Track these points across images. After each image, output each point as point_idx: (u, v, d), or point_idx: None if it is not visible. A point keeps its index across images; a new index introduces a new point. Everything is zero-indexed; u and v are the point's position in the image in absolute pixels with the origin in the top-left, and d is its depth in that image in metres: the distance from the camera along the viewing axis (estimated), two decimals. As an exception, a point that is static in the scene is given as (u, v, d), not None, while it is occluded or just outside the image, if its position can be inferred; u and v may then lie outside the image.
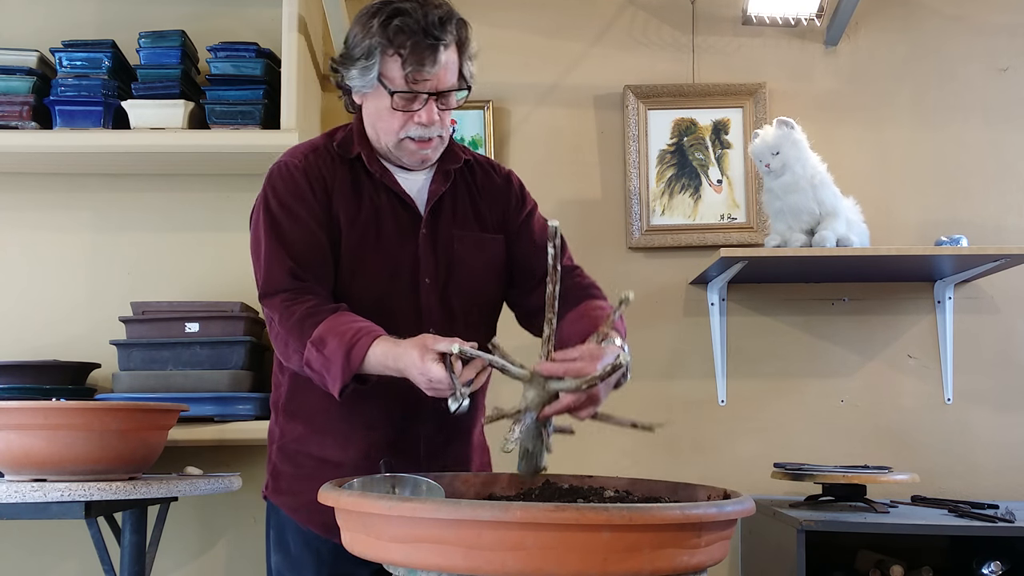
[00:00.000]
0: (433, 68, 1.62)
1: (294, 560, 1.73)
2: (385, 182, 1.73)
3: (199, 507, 2.73)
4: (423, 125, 1.67)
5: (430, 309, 1.72)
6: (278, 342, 1.64)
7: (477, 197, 1.81)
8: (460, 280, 1.75)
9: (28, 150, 2.58)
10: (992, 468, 2.82)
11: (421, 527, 1.13)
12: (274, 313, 1.63)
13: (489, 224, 1.81)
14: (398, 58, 1.62)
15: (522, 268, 1.82)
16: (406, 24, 1.60)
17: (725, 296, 2.86)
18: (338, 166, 1.73)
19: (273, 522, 1.78)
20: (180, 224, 2.81)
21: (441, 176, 1.78)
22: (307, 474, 1.70)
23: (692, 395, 2.86)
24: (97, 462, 1.98)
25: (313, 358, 1.56)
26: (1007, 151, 2.93)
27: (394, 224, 1.72)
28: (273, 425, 1.80)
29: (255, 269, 1.70)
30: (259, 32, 2.83)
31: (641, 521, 1.09)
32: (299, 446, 1.74)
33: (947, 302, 2.84)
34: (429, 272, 1.72)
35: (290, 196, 1.69)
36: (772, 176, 2.62)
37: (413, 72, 1.62)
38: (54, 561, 2.72)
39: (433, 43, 1.61)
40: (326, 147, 1.76)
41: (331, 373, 1.54)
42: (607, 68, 2.96)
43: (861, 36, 2.98)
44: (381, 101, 1.67)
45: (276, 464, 1.78)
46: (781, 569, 2.32)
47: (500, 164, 1.91)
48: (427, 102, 1.65)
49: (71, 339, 2.75)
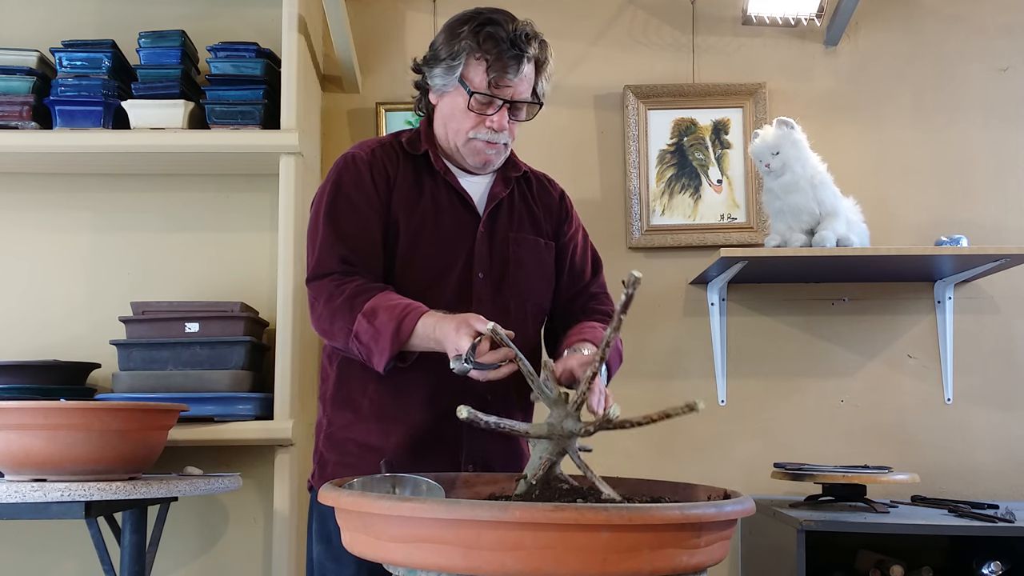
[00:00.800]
0: (515, 77, 1.74)
1: (336, 550, 1.73)
2: (448, 180, 1.83)
3: (199, 507, 2.73)
4: (493, 130, 1.77)
5: (481, 303, 1.78)
6: (322, 321, 1.70)
7: (534, 206, 1.92)
8: (515, 279, 1.83)
9: (28, 150, 2.58)
10: (992, 468, 2.82)
11: (421, 527, 1.13)
12: (321, 293, 1.70)
13: (544, 231, 1.91)
14: (483, 63, 1.73)
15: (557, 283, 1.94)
16: (496, 33, 1.73)
17: (725, 296, 2.86)
18: (403, 161, 1.83)
19: (316, 513, 1.81)
20: (180, 224, 2.81)
21: (502, 181, 1.88)
22: (351, 462, 1.76)
23: (692, 395, 2.83)
24: (97, 462, 1.98)
25: (363, 330, 1.63)
26: (1007, 151, 2.93)
27: (453, 220, 1.81)
28: (321, 416, 1.87)
29: (308, 252, 1.78)
30: (259, 32, 2.83)
31: (640, 521, 1.09)
32: (346, 433, 1.80)
33: (947, 302, 2.84)
34: (483, 268, 1.80)
35: (352, 186, 1.77)
36: (772, 176, 2.62)
37: (496, 78, 1.73)
38: (54, 561, 2.72)
39: (518, 54, 1.73)
40: (392, 144, 1.86)
41: (380, 344, 1.62)
42: (607, 68, 2.96)
43: (861, 36, 2.98)
44: (458, 101, 1.77)
45: (323, 453, 1.83)
46: (781, 569, 2.32)
47: (554, 180, 2.02)
48: (501, 108, 1.76)
49: (71, 339, 2.75)
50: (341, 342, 1.69)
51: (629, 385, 2.78)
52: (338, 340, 1.70)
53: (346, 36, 2.72)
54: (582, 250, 1.97)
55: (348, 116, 2.96)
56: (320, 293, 1.71)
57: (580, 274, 1.95)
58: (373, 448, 1.75)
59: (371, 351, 1.64)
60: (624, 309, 1.34)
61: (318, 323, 1.73)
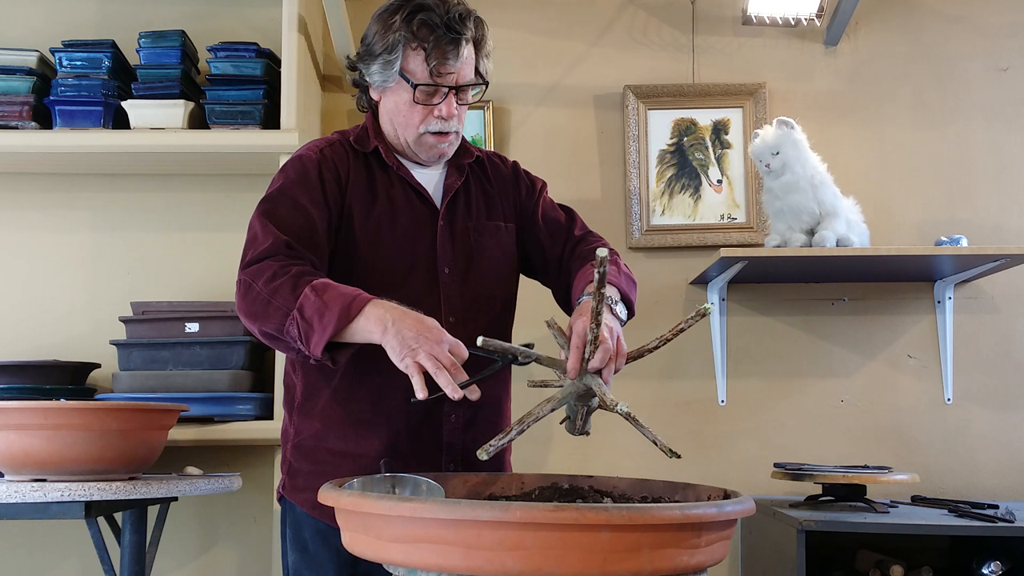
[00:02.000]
0: (456, 62, 1.68)
1: (312, 558, 1.72)
2: (402, 175, 1.77)
3: (199, 507, 2.73)
4: (443, 119, 1.72)
5: (450, 299, 1.74)
6: (257, 302, 1.55)
7: (489, 188, 1.87)
8: (481, 269, 1.79)
9: (28, 150, 2.58)
10: (992, 468, 2.81)
11: (421, 527, 1.13)
12: (261, 274, 1.56)
13: (501, 214, 1.86)
14: (421, 52, 1.67)
15: (539, 250, 1.89)
16: (429, 19, 1.66)
17: (725, 296, 2.86)
18: (353, 160, 1.77)
19: (289, 520, 1.78)
20: (180, 224, 2.81)
21: (455, 170, 1.83)
22: (326, 470, 1.69)
23: (692, 395, 2.86)
24: (97, 462, 1.98)
25: (309, 303, 1.50)
26: (1007, 151, 2.93)
27: (411, 217, 1.76)
28: (287, 425, 1.80)
29: (243, 252, 1.64)
30: (259, 32, 2.83)
31: (641, 521, 1.09)
32: (317, 442, 1.74)
33: (947, 302, 2.84)
34: (448, 262, 1.76)
35: (296, 185, 1.69)
36: (772, 176, 2.62)
37: (437, 66, 1.67)
38: (54, 561, 2.72)
39: (455, 37, 1.67)
40: (341, 142, 1.79)
41: (324, 319, 1.49)
42: (607, 68, 2.96)
43: (861, 36, 2.97)
44: (402, 95, 1.71)
45: (292, 463, 1.77)
46: (781, 569, 2.31)
47: (503, 155, 1.97)
48: (447, 96, 1.70)
49: (71, 339, 2.75)
50: (274, 323, 1.53)
51: (629, 385, 2.78)
52: (270, 322, 1.54)
53: (346, 36, 2.72)
54: (549, 204, 1.92)
55: (348, 116, 2.96)
56: (260, 273, 1.56)
57: (557, 224, 1.89)
58: (350, 455, 1.70)
59: (312, 329, 1.49)
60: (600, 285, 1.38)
61: (251, 305, 1.56)
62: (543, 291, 1.95)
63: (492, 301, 1.81)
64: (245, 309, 1.59)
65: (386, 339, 1.48)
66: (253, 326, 1.58)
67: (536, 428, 3.00)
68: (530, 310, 2.04)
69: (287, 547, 1.78)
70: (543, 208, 1.91)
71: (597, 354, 1.47)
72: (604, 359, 1.48)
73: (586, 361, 1.47)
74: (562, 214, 1.93)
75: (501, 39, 2.94)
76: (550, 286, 1.93)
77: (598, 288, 1.39)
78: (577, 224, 1.92)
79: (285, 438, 1.81)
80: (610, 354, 1.50)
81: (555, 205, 1.94)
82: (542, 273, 1.92)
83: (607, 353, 1.49)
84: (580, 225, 1.92)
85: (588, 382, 1.48)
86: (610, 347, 1.49)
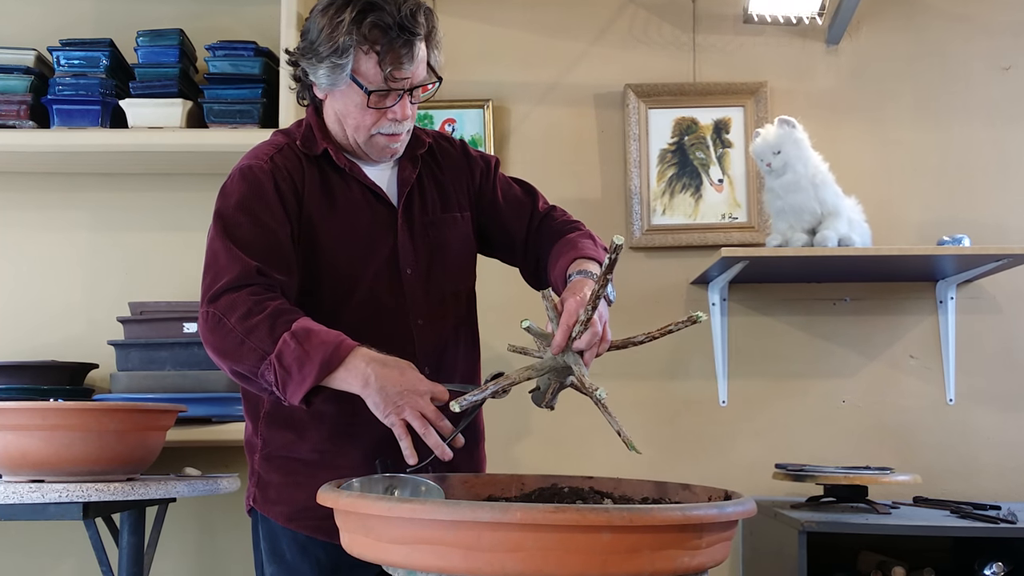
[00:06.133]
0: (411, 65, 1.61)
1: (291, 568, 1.68)
2: (355, 176, 1.71)
3: (197, 508, 2.73)
4: (396, 121, 1.65)
5: (416, 301, 1.70)
6: (228, 339, 1.49)
7: (441, 177, 1.80)
8: (444, 265, 1.75)
9: (25, 149, 2.58)
10: (994, 469, 2.81)
11: (420, 528, 1.13)
12: (234, 308, 1.50)
13: (456, 204, 1.80)
14: (374, 55, 1.58)
15: (502, 230, 1.84)
16: (381, 20, 1.56)
17: (726, 296, 2.85)
18: (306, 165, 1.68)
19: (264, 532, 1.72)
20: (178, 224, 2.80)
21: (409, 162, 1.76)
22: (300, 480, 1.65)
23: (693, 395, 2.85)
24: (95, 463, 1.97)
25: (289, 351, 1.46)
26: (1010, 150, 2.92)
27: (370, 218, 1.70)
28: (253, 436, 1.73)
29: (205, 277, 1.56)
30: (257, 31, 2.82)
31: (642, 522, 1.09)
32: (288, 452, 1.68)
33: (949, 302, 2.83)
34: (410, 262, 1.71)
35: (251, 199, 1.61)
36: (773, 175, 2.62)
37: (392, 70, 1.59)
38: (52, 562, 2.71)
39: (409, 39, 1.59)
40: (290, 146, 1.70)
41: (304, 369, 1.45)
42: (607, 67, 2.95)
43: (863, 35, 2.97)
44: (352, 99, 1.63)
45: (261, 474, 1.71)
46: (782, 570, 2.31)
47: (449, 136, 1.90)
48: (401, 98, 1.63)
49: (69, 339, 2.74)
50: (247, 365, 1.49)
51: (630, 385, 2.77)
52: (244, 363, 1.49)
53: (345, 35, 2.71)
54: (505, 183, 1.86)
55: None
56: (233, 308, 1.49)
57: (518, 202, 1.84)
58: (326, 466, 1.64)
59: (290, 377, 1.46)
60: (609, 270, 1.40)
61: (221, 341, 1.50)
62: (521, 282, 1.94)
63: (457, 297, 1.78)
64: (215, 345, 1.52)
65: (367, 393, 1.48)
66: (223, 363, 1.53)
67: (537, 431, 2.98)
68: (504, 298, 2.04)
69: (262, 560, 1.73)
70: (501, 187, 1.85)
71: (585, 335, 1.47)
72: (590, 342, 1.48)
73: (572, 340, 1.48)
74: (520, 190, 1.87)
75: (501, 38, 2.95)
76: (516, 264, 1.88)
77: (605, 273, 1.40)
78: (539, 200, 1.87)
79: (251, 449, 1.74)
80: (597, 338, 1.49)
81: (510, 181, 1.88)
82: (506, 252, 1.88)
83: (594, 336, 1.48)
84: (543, 200, 1.87)
85: (569, 360, 1.49)
86: (598, 331, 1.49)
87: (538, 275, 1.83)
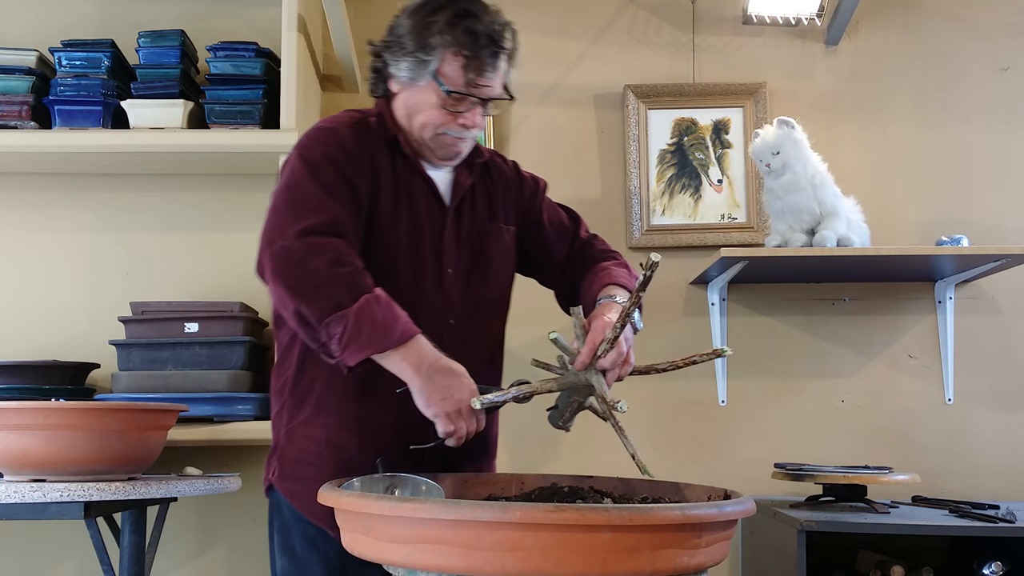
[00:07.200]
0: (493, 75, 1.68)
1: (300, 562, 1.71)
2: (418, 167, 1.76)
3: (198, 508, 2.73)
4: (465, 127, 1.70)
5: (452, 300, 1.74)
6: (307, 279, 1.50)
7: (493, 190, 1.86)
8: (484, 272, 1.79)
9: (27, 150, 2.58)
10: (993, 468, 2.81)
11: (421, 527, 1.13)
12: (323, 251, 1.51)
13: (503, 216, 1.85)
14: (461, 59, 1.64)
15: (544, 251, 1.89)
16: (474, 27, 1.63)
17: (725, 296, 2.86)
18: (379, 142, 1.73)
19: (277, 524, 1.75)
20: (180, 224, 2.80)
21: (466, 170, 1.81)
22: (311, 460, 1.69)
23: (692, 395, 2.85)
24: (96, 462, 1.98)
25: (367, 311, 1.48)
26: (1008, 151, 2.92)
27: (426, 210, 1.75)
28: (280, 411, 1.76)
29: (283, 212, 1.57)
30: (258, 31, 2.82)
31: (641, 521, 1.09)
32: (306, 429, 1.71)
33: (948, 302, 2.84)
34: (452, 262, 1.75)
35: (340, 155, 1.65)
36: (772, 176, 2.62)
37: (475, 77, 1.65)
38: (53, 562, 2.71)
39: (496, 50, 1.66)
40: (366, 122, 1.75)
41: (376, 333, 1.47)
42: (607, 68, 2.96)
43: (862, 36, 2.97)
44: (427, 96, 1.69)
45: (283, 448, 1.74)
46: (782, 570, 2.31)
47: (503, 155, 1.96)
48: (474, 106, 1.69)
49: (70, 339, 2.74)
50: (317, 309, 1.48)
51: (629, 385, 2.77)
52: (314, 305, 1.48)
53: (346, 36, 2.72)
54: (551, 207, 1.92)
55: (348, 116, 2.95)
56: (321, 250, 1.51)
57: (562, 227, 1.91)
58: (335, 446, 1.67)
59: (358, 335, 1.47)
60: (643, 287, 1.41)
61: (298, 279, 1.50)
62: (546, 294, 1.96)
63: (491, 305, 1.82)
64: (290, 280, 1.51)
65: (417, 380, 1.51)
66: (291, 300, 1.50)
67: (535, 430, 2.99)
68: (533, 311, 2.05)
69: (275, 550, 1.76)
70: (547, 210, 1.92)
71: (610, 355, 1.51)
72: (615, 361, 1.52)
73: (596, 358, 1.50)
74: (565, 216, 1.94)
75: (501, 39, 2.96)
76: (551, 286, 1.94)
77: (638, 290, 1.42)
78: (582, 227, 1.94)
79: (277, 424, 1.76)
80: (621, 359, 1.53)
81: (556, 207, 1.95)
82: (545, 273, 1.93)
83: (619, 357, 1.53)
84: (584, 228, 1.94)
85: (591, 378, 1.52)
86: (623, 352, 1.53)
87: (572, 299, 1.86)
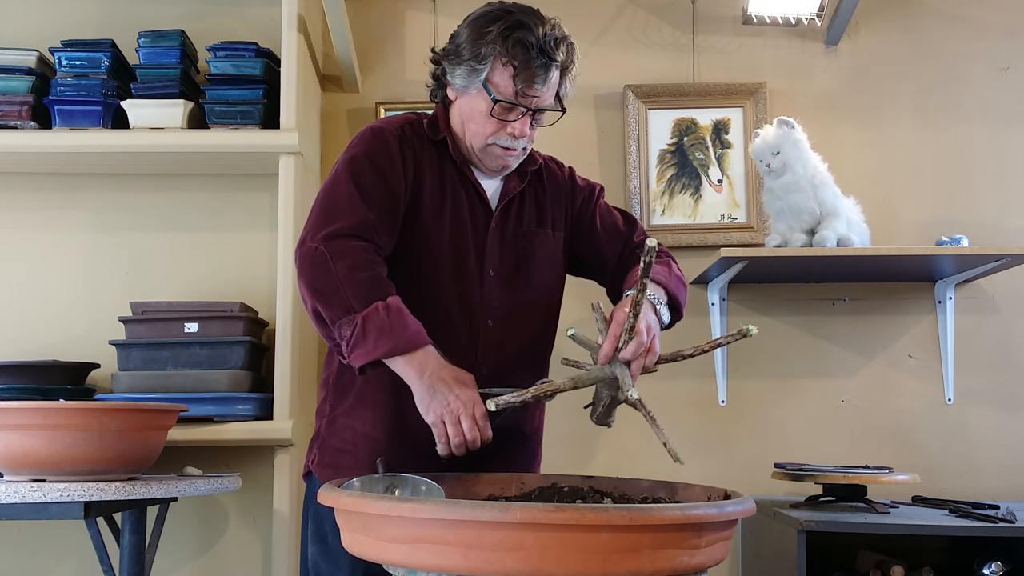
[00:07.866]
0: (542, 86, 1.70)
1: (331, 552, 1.72)
2: (465, 171, 1.79)
3: (198, 507, 2.73)
4: (514, 137, 1.73)
5: (491, 302, 1.76)
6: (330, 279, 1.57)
7: (544, 198, 1.88)
8: (526, 276, 1.81)
9: (27, 150, 2.58)
10: (993, 468, 2.81)
11: (421, 527, 1.13)
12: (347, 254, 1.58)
13: (550, 221, 1.87)
14: (511, 69, 1.67)
15: (595, 254, 1.91)
16: (526, 38, 1.66)
17: (725, 296, 2.86)
18: (427, 143, 1.78)
19: (311, 512, 1.78)
20: (180, 224, 2.81)
21: (517, 177, 1.84)
22: (347, 448, 1.74)
23: (692, 395, 2.86)
24: (96, 462, 1.97)
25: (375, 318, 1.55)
26: (1008, 151, 2.92)
27: (469, 212, 1.78)
28: (323, 403, 1.82)
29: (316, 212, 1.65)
30: (259, 32, 2.83)
31: (641, 521, 1.09)
32: (346, 419, 1.76)
33: (948, 302, 2.84)
34: (494, 264, 1.78)
35: (381, 156, 1.71)
36: (772, 176, 2.62)
37: (523, 87, 1.68)
38: (53, 562, 2.71)
39: (546, 62, 1.68)
40: (418, 124, 1.80)
41: (381, 340, 1.54)
42: (607, 68, 2.96)
43: (862, 36, 2.97)
44: (479, 104, 1.72)
45: (324, 437, 1.79)
46: (782, 569, 2.31)
47: (560, 161, 1.99)
48: (524, 116, 1.72)
49: (70, 339, 2.75)
50: (332, 310, 1.57)
51: (629, 385, 2.77)
52: (330, 307, 1.57)
53: (346, 36, 2.72)
54: (606, 210, 1.94)
55: (348, 116, 2.96)
56: (343, 254, 1.58)
57: (615, 229, 1.92)
58: (370, 438, 1.73)
59: (364, 340, 1.55)
60: (645, 274, 1.40)
61: (319, 280, 1.58)
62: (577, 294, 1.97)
63: (533, 308, 1.83)
64: (312, 281, 1.60)
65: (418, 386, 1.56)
66: (311, 299, 1.59)
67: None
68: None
69: (307, 537, 1.80)
70: (600, 214, 1.93)
71: (631, 345, 1.51)
72: (636, 352, 1.52)
73: (619, 350, 1.50)
74: (621, 219, 1.95)
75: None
76: (605, 287, 1.96)
77: (641, 278, 1.41)
78: (637, 231, 1.94)
79: (320, 415, 1.82)
80: (643, 348, 1.53)
81: (612, 211, 1.96)
82: (596, 274, 1.96)
83: (640, 346, 1.52)
84: (639, 231, 1.95)
85: (615, 370, 1.51)
86: (644, 341, 1.53)
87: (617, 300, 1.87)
